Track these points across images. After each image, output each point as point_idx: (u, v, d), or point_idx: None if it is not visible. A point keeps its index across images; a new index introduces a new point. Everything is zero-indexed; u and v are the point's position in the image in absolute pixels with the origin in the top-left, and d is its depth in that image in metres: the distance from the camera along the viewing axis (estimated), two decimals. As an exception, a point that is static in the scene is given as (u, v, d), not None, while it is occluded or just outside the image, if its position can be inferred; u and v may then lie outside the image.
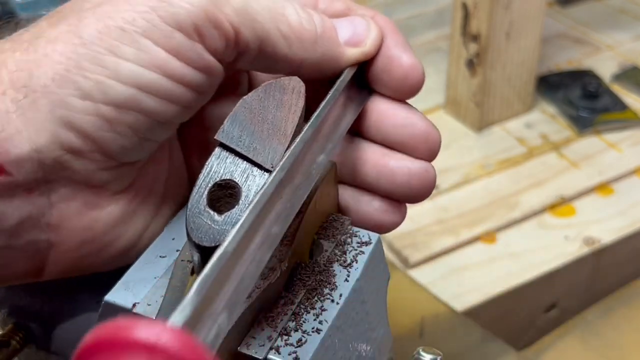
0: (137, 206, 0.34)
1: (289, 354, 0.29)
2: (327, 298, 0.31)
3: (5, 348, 0.35)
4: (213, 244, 0.29)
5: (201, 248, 0.29)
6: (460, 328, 0.60)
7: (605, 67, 0.90)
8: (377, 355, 0.35)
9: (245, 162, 0.31)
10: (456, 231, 0.69)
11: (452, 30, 0.80)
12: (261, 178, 0.30)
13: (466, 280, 0.65)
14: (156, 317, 0.29)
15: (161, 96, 0.30)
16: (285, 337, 0.30)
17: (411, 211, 0.40)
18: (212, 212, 0.30)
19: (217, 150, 0.31)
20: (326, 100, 0.32)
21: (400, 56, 0.35)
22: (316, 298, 0.31)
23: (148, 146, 0.32)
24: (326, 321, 0.30)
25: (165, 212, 0.35)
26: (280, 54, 0.33)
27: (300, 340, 0.30)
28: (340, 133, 0.34)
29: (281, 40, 0.32)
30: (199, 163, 0.32)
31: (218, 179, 0.30)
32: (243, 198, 0.30)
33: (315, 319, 0.31)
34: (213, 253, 0.24)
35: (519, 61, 0.79)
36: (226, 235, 0.29)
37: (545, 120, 0.83)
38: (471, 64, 0.78)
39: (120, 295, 0.31)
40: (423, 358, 0.36)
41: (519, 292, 0.65)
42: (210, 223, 0.29)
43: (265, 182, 0.29)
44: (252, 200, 0.27)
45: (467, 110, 0.81)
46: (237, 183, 0.30)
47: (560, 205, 0.72)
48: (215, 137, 0.31)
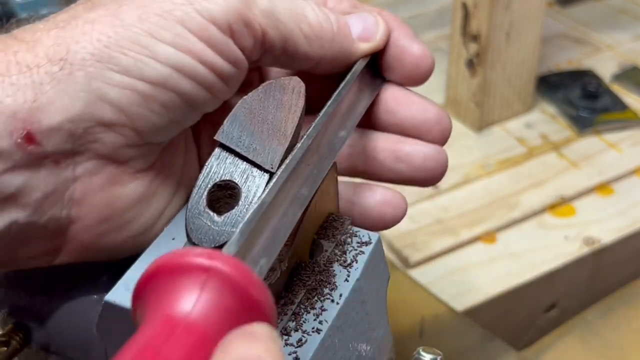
0: (157, 187, 0.34)
1: (289, 354, 0.29)
2: (327, 298, 0.31)
3: (5, 348, 0.35)
4: (213, 245, 0.29)
5: (201, 248, 0.29)
6: (460, 328, 0.60)
7: (605, 67, 0.90)
8: (377, 355, 0.35)
9: (245, 163, 0.31)
10: (456, 231, 0.69)
11: (452, 30, 0.80)
12: (261, 179, 0.30)
13: (466, 280, 0.65)
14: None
15: (194, 80, 0.32)
16: (285, 337, 0.30)
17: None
18: (212, 213, 0.30)
19: (217, 150, 0.31)
20: (343, 84, 0.35)
21: (410, 45, 0.38)
22: (316, 298, 0.31)
23: (174, 129, 0.33)
24: (326, 321, 0.30)
25: (179, 200, 0.36)
26: (301, 52, 0.35)
27: (300, 340, 0.30)
28: (358, 114, 0.36)
29: (302, 39, 0.34)
30: None
31: (218, 180, 0.30)
32: (243, 199, 0.30)
33: (315, 319, 0.31)
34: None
35: (519, 61, 0.79)
36: (226, 235, 0.29)
37: (545, 120, 0.83)
38: (471, 64, 0.78)
39: (120, 295, 0.31)
40: (423, 358, 0.37)
41: (519, 292, 0.64)
42: (209, 224, 0.29)
43: (296, 146, 0.31)
44: (285, 162, 0.30)
45: (467, 110, 0.81)
46: (237, 184, 0.30)
47: (560, 205, 0.72)
48: (214, 138, 0.31)
